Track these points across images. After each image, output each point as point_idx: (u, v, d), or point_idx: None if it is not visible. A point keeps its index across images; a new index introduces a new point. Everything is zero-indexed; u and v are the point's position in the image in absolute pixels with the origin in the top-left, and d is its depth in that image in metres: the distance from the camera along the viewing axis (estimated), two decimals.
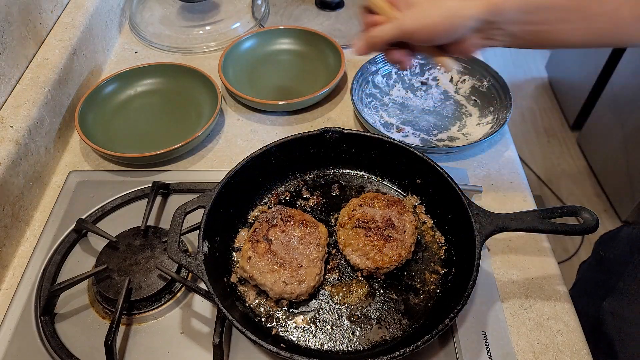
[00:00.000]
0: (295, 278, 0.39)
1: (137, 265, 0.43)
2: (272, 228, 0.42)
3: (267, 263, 0.39)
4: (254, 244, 0.41)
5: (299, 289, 0.39)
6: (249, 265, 0.40)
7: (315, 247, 0.41)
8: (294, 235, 0.41)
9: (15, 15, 0.52)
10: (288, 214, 0.42)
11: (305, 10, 0.76)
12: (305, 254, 0.40)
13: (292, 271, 0.39)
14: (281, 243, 0.41)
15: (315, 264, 0.40)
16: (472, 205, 0.41)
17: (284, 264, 0.39)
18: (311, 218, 0.43)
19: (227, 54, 0.64)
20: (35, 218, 0.50)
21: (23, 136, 0.48)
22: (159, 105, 0.60)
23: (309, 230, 0.42)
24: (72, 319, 0.42)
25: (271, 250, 0.40)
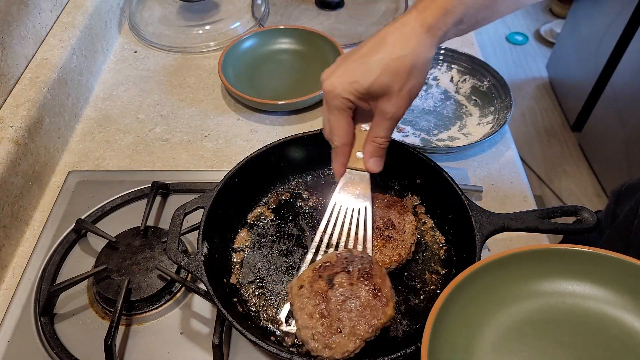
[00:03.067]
0: (326, 340, 0.34)
1: (136, 265, 0.43)
2: (343, 273, 0.36)
3: (313, 304, 0.35)
4: (314, 276, 0.36)
5: (321, 351, 0.34)
6: (298, 293, 0.36)
7: (367, 324, 0.34)
8: (357, 297, 0.35)
9: (14, 14, 0.51)
10: (369, 271, 0.36)
11: (305, 10, 0.76)
12: (353, 323, 0.34)
13: (328, 330, 0.34)
14: (339, 295, 0.35)
15: (354, 340, 0.34)
16: (473, 205, 0.40)
17: (327, 317, 0.35)
18: (388, 289, 0.36)
19: (226, 53, 0.64)
20: (35, 218, 0.50)
21: (22, 136, 0.48)
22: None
23: (374, 303, 0.35)
24: (71, 319, 0.41)
25: (325, 295, 0.35)
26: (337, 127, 0.38)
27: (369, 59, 0.35)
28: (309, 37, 0.67)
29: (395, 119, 0.36)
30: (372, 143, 0.38)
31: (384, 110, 0.36)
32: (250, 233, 0.46)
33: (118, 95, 0.63)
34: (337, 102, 0.37)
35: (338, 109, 0.37)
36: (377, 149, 0.38)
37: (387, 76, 0.34)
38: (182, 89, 0.64)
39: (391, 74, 0.34)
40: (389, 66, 0.34)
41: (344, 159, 0.40)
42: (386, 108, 0.35)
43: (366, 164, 0.39)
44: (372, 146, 0.38)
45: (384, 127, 0.37)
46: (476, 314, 0.32)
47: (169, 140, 0.58)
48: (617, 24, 1.31)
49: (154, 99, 0.63)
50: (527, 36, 2.01)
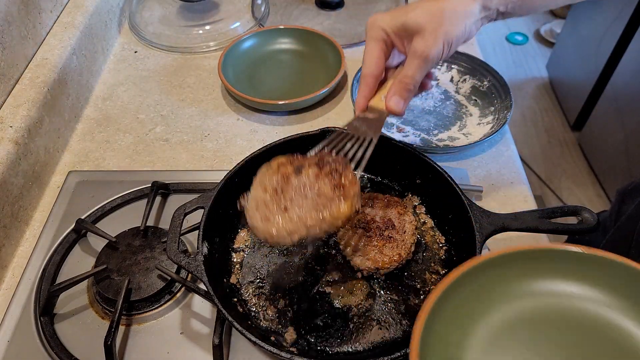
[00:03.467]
0: (268, 213, 0.33)
1: (136, 265, 0.43)
2: (314, 166, 0.35)
3: (272, 180, 0.34)
4: (285, 161, 0.35)
5: (258, 222, 0.33)
6: (262, 170, 0.35)
7: (317, 213, 0.32)
8: (317, 188, 0.33)
9: (14, 14, 0.51)
10: (340, 170, 0.35)
11: (305, 10, 0.76)
12: (302, 209, 0.33)
13: (274, 205, 0.33)
14: (301, 182, 0.34)
15: (296, 223, 0.32)
16: (473, 205, 0.40)
17: (279, 195, 0.33)
18: (354, 192, 0.34)
19: (226, 53, 0.64)
20: (35, 218, 0.50)
21: (22, 136, 0.48)
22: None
23: (331, 196, 0.33)
24: (71, 319, 0.41)
25: (287, 178, 0.34)
26: (367, 56, 0.38)
27: (413, 4, 0.37)
28: (309, 37, 0.67)
29: (424, 58, 0.36)
30: (398, 82, 0.38)
31: (414, 48, 0.36)
32: (250, 233, 0.46)
33: (118, 95, 0.63)
34: (373, 32, 0.38)
35: (373, 38, 0.38)
36: (401, 89, 0.37)
37: (424, 15, 0.35)
38: (182, 89, 0.64)
39: (428, 13, 0.35)
40: (427, 7, 0.36)
41: (368, 91, 0.39)
42: (417, 45, 0.36)
43: (387, 102, 0.38)
44: (397, 84, 0.38)
45: (413, 66, 0.36)
46: (469, 312, 0.32)
47: (169, 140, 0.58)
48: (617, 24, 1.31)
49: (154, 99, 0.63)
50: (527, 36, 2.01)
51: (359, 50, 0.69)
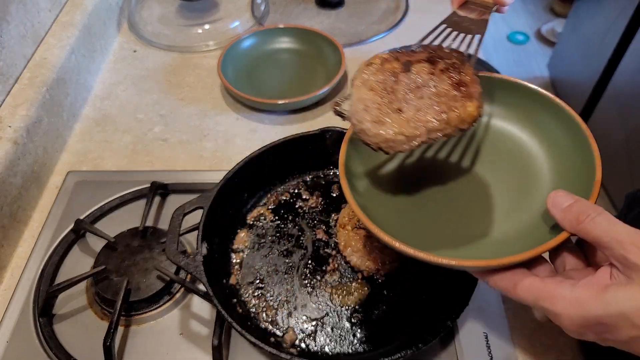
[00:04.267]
0: (380, 113, 0.28)
1: (135, 266, 0.43)
2: (425, 63, 0.30)
3: (378, 79, 0.29)
4: (390, 57, 0.30)
5: (369, 125, 0.28)
6: (363, 69, 0.30)
7: (437, 113, 0.28)
8: (435, 87, 0.29)
9: (13, 13, 0.51)
10: (458, 67, 0.30)
11: (305, 9, 0.75)
12: (419, 108, 0.28)
13: (386, 105, 0.28)
14: (413, 80, 0.29)
15: (414, 126, 0.28)
16: None
17: (391, 94, 0.28)
18: (477, 89, 0.30)
19: (226, 53, 0.63)
20: (34, 218, 0.50)
21: (21, 136, 0.48)
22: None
23: (453, 94, 0.29)
24: (70, 320, 0.41)
25: (396, 76, 0.29)
26: None
27: None
28: (309, 36, 0.67)
29: None
30: None
31: None
32: (250, 233, 0.46)
33: (117, 95, 0.63)
34: None
35: None
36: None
37: None
38: (181, 88, 0.64)
39: None
40: None
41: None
42: None
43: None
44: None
45: None
46: None
47: (168, 140, 0.58)
48: (619, 23, 1.31)
49: (153, 99, 0.63)
50: (528, 35, 2.00)
51: (359, 49, 0.69)
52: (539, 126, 0.35)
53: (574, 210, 0.26)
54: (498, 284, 0.27)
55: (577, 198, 0.27)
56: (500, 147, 0.35)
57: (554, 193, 0.28)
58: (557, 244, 0.26)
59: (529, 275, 0.27)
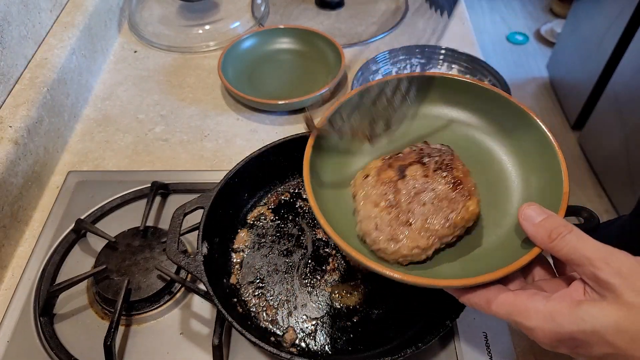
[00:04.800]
0: (392, 230, 0.29)
1: (136, 265, 0.43)
2: (417, 164, 0.31)
3: (379, 192, 0.30)
4: (383, 166, 0.32)
5: (385, 244, 0.29)
6: (362, 182, 0.32)
7: (444, 218, 0.29)
8: (433, 190, 0.30)
9: (14, 14, 0.51)
10: (449, 163, 0.31)
11: (305, 10, 0.76)
12: (426, 216, 0.29)
13: (395, 220, 0.29)
14: (412, 187, 0.30)
15: (427, 236, 0.29)
16: None
17: (396, 207, 0.30)
18: (472, 183, 0.31)
19: (226, 53, 0.64)
20: (34, 218, 0.50)
21: (22, 136, 0.48)
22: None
23: (453, 196, 0.30)
24: (71, 320, 0.41)
25: (394, 185, 0.30)
26: None
27: None
28: (309, 36, 0.67)
29: None
30: None
31: None
32: (250, 233, 0.46)
33: (118, 95, 0.63)
34: None
35: None
36: None
37: None
38: (181, 88, 0.64)
39: None
40: None
41: None
42: None
43: None
44: None
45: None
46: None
47: (169, 140, 0.58)
48: (618, 23, 1.31)
49: (154, 99, 0.63)
50: (528, 36, 2.00)
51: (358, 49, 0.69)
52: (509, 134, 0.35)
53: (546, 227, 0.26)
54: (472, 300, 0.27)
55: (549, 213, 0.27)
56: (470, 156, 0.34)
57: (525, 206, 0.27)
58: (530, 259, 0.26)
59: (503, 290, 0.26)
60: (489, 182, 0.34)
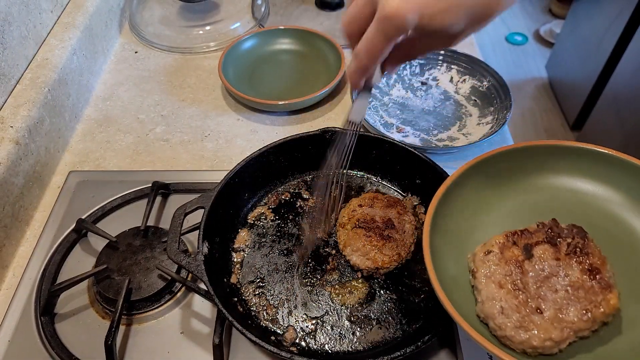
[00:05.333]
0: (520, 317, 0.26)
1: (137, 265, 0.43)
2: (546, 244, 0.28)
3: (504, 272, 0.27)
4: (507, 242, 0.29)
5: (512, 332, 0.26)
6: (483, 259, 0.28)
7: (582, 310, 0.26)
8: (566, 276, 0.27)
9: (15, 15, 0.52)
10: (582, 247, 0.28)
11: (305, 10, 0.76)
12: (560, 306, 0.26)
13: (523, 306, 0.26)
14: (540, 269, 0.27)
15: (560, 328, 0.26)
16: None
17: (523, 291, 0.26)
18: (610, 273, 0.28)
19: (227, 54, 0.64)
20: (35, 218, 0.50)
21: (23, 136, 0.48)
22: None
23: (593, 287, 0.26)
24: (72, 319, 0.42)
25: (520, 265, 0.28)
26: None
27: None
28: (309, 37, 0.67)
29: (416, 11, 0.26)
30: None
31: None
32: (251, 233, 0.46)
33: (118, 96, 0.64)
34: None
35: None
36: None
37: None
38: (182, 89, 0.65)
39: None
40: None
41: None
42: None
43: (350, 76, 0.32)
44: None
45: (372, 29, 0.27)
46: (482, 200, 0.33)
47: (170, 140, 0.58)
48: (617, 24, 1.32)
49: (155, 99, 0.63)
50: (527, 36, 2.01)
51: None
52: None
53: None
54: None
55: None
56: (609, 237, 0.30)
57: None
58: None
59: None
60: (633, 269, 0.29)
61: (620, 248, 0.31)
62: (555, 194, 0.34)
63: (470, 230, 0.33)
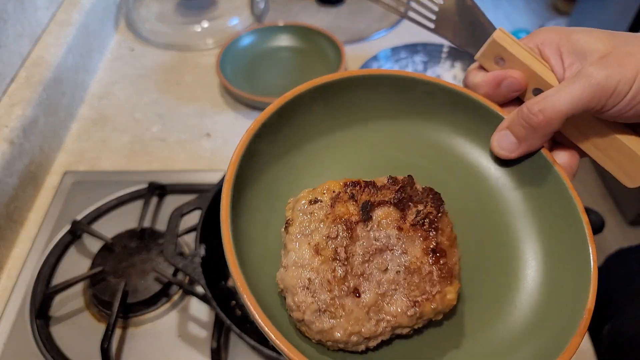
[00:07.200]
0: (328, 299, 0.19)
1: (133, 267, 0.43)
2: (391, 206, 0.21)
3: (325, 234, 0.20)
4: (343, 192, 0.21)
5: (311, 315, 0.19)
6: (302, 209, 0.21)
7: (409, 301, 0.20)
8: (404, 252, 0.21)
9: (10, 12, 0.51)
10: (434, 218, 0.21)
11: (305, 7, 0.75)
12: (384, 291, 0.20)
13: (339, 284, 0.19)
14: (374, 238, 0.21)
15: (376, 319, 0.20)
16: None
17: (343, 263, 0.20)
18: (456, 259, 0.21)
19: (225, 51, 0.63)
20: (30, 219, 0.49)
21: (17, 136, 0.47)
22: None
23: (430, 272, 0.20)
24: (67, 322, 0.41)
25: (351, 228, 0.20)
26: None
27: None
28: (309, 34, 0.66)
29: (593, 88, 0.21)
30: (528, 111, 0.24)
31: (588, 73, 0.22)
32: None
33: (114, 94, 0.63)
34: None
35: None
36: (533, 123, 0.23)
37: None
38: (179, 87, 0.64)
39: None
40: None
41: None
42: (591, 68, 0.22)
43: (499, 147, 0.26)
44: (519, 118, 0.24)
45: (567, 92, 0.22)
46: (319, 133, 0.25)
47: (166, 139, 0.57)
48: (622, 21, 1.30)
49: (151, 98, 0.62)
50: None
51: (359, 47, 0.68)
52: (539, 205, 0.24)
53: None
54: None
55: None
56: (470, 215, 0.25)
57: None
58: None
59: None
60: (487, 260, 0.23)
61: (484, 233, 0.24)
62: (417, 143, 0.26)
63: (302, 169, 0.24)
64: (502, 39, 0.24)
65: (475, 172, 0.26)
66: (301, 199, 0.22)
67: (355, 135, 0.26)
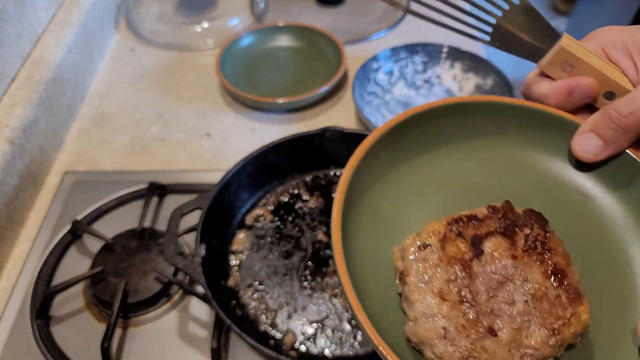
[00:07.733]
0: (469, 343, 0.18)
1: (133, 267, 0.43)
2: (499, 236, 0.21)
3: (445, 277, 0.20)
4: (449, 232, 0.21)
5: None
6: (416, 255, 0.20)
7: (548, 330, 0.19)
8: (525, 280, 0.20)
9: (10, 12, 0.51)
10: (543, 240, 0.21)
11: (305, 7, 0.75)
12: (519, 325, 0.19)
13: (473, 326, 0.19)
14: (492, 271, 0.20)
15: (519, 355, 0.19)
16: None
17: (473, 305, 0.19)
18: (578, 276, 0.21)
19: (225, 51, 0.63)
20: (30, 219, 0.49)
21: (18, 136, 0.47)
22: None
23: (559, 297, 0.20)
24: (67, 322, 0.41)
25: (467, 266, 0.20)
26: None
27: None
28: (309, 34, 0.66)
29: None
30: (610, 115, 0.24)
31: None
32: (249, 235, 0.45)
33: (114, 94, 0.63)
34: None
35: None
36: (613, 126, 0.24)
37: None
38: (179, 87, 0.64)
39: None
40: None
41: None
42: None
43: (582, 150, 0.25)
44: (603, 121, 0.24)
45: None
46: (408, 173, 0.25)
47: (166, 139, 0.57)
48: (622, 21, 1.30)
49: (151, 98, 0.62)
50: None
51: (360, 47, 0.68)
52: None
53: None
54: None
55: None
56: (577, 234, 0.24)
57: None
58: None
59: None
60: (596, 270, 0.23)
61: (594, 250, 0.23)
62: (500, 165, 0.25)
63: (396, 212, 0.23)
64: (570, 46, 0.23)
65: (560, 184, 0.25)
66: (409, 247, 0.21)
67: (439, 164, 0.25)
